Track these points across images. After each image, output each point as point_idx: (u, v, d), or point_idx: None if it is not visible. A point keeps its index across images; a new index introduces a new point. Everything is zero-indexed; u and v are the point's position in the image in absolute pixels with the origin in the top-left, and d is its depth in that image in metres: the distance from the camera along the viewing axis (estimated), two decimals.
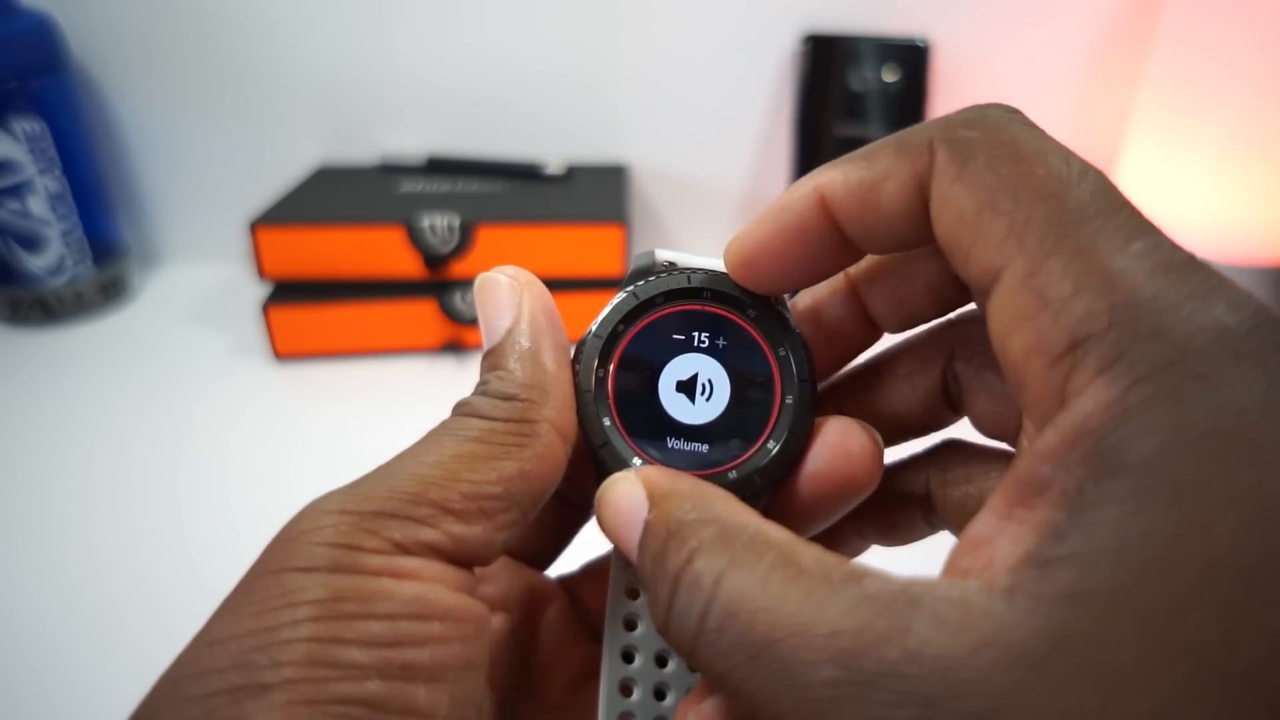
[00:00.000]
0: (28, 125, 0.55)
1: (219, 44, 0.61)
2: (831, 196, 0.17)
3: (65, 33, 0.58)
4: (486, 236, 0.53)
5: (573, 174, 0.62)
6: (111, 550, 0.40)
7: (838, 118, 0.60)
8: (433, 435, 0.18)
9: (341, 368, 0.54)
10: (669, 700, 0.19)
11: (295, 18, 0.60)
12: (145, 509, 0.43)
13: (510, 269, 0.19)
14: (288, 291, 0.54)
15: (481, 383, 0.18)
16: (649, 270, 0.20)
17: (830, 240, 0.17)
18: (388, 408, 0.48)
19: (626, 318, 0.19)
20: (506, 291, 0.19)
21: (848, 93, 0.60)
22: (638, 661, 0.20)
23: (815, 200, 0.17)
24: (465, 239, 0.53)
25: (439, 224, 0.53)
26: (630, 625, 0.20)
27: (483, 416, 0.17)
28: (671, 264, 0.20)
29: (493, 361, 0.18)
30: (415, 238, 0.53)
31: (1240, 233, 0.53)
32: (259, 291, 0.55)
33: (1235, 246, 0.54)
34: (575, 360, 0.19)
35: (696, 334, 0.20)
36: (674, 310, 0.20)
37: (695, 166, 0.66)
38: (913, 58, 0.59)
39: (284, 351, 0.54)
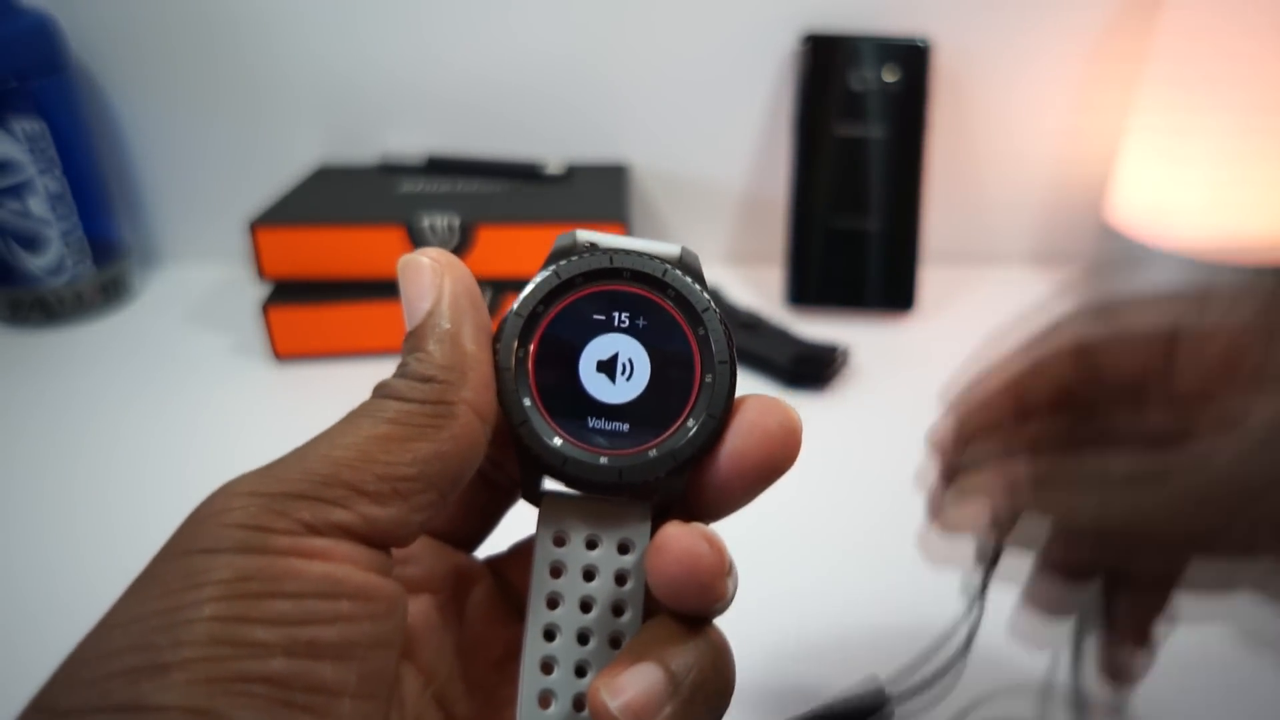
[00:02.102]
0: (28, 125, 0.55)
1: (219, 44, 0.61)
2: None
3: (65, 33, 0.58)
4: (486, 236, 0.53)
5: (573, 174, 0.62)
6: (110, 550, 0.40)
7: (838, 118, 0.60)
8: (350, 417, 0.18)
9: (341, 368, 0.54)
10: (589, 677, 0.20)
11: (295, 18, 0.60)
12: (145, 509, 0.42)
13: (433, 251, 0.19)
14: (288, 291, 0.54)
15: (401, 365, 0.18)
16: (571, 250, 0.20)
17: None
18: None
19: (547, 297, 0.20)
20: (428, 273, 0.19)
21: (848, 93, 0.60)
22: (559, 639, 0.20)
23: None
24: (465, 239, 0.53)
25: (439, 224, 0.53)
26: (553, 604, 0.20)
27: (400, 398, 0.18)
28: (593, 245, 0.20)
29: (413, 343, 0.18)
30: (415, 238, 0.53)
31: (1240, 233, 0.53)
32: (259, 291, 0.55)
33: (1235, 246, 0.54)
34: (496, 340, 0.19)
35: (617, 314, 0.20)
36: (595, 290, 0.20)
37: (695, 166, 0.66)
38: (913, 58, 0.59)
39: (284, 351, 0.54)
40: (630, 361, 0.20)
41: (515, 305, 0.20)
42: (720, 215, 0.67)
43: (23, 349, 0.57)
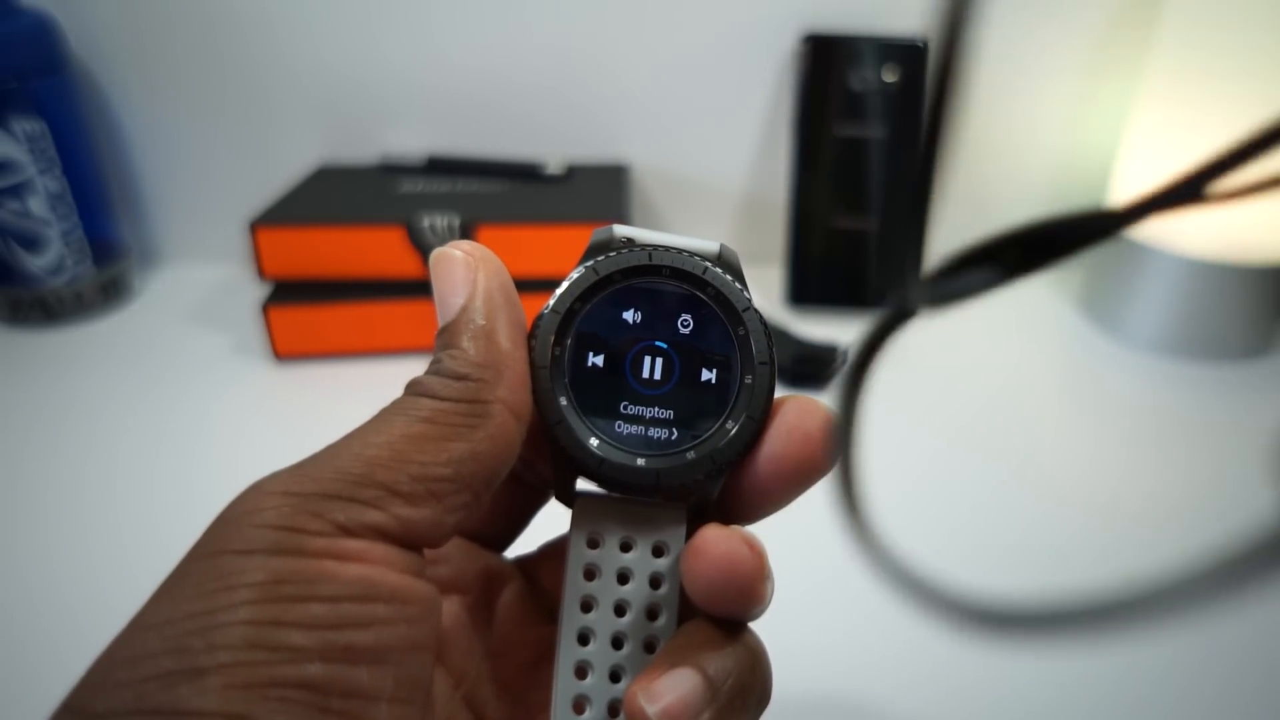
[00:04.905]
0: (28, 125, 0.55)
1: (219, 44, 0.61)
2: None
3: (65, 33, 0.58)
4: (487, 236, 0.53)
5: (573, 174, 0.62)
6: (110, 550, 0.40)
7: (838, 118, 0.60)
8: (383, 415, 0.17)
9: (341, 368, 0.54)
10: (624, 682, 0.19)
11: (295, 17, 0.60)
12: (145, 509, 0.42)
13: (466, 244, 0.19)
14: (288, 291, 0.54)
15: (434, 361, 0.18)
16: (607, 246, 0.20)
17: None
18: None
19: (584, 294, 0.19)
20: (461, 268, 0.18)
21: (848, 93, 0.60)
22: (593, 644, 0.19)
23: None
24: (465, 239, 0.53)
25: (439, 224, 0.53)
26: (587, 607, 0.19)
27: (434, 396, 0.17)
28: (630, 240, 0.20)
29: (446, 339, 0.18)
30: (415, 238, 0.52)
31: (1240, 232, 0.53)
32: (259, 291, 0.55)
33: (1235, 246, 0.54)
34: (531, 336, 0.19)
35: (656, 312, 0.19)
36: (633, 287, 0.19)
37: (695, 166, 0.66)
38: (913, 58, 0.59)
39: (284, 351, 0.54)
40: (668, 361, 0.19)
41: (551, 301, 0.19)
42: (720, 215, 0.67)
43: (23, 349, 0.57)
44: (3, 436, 0.48)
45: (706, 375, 0.19)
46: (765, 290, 0.63)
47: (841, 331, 0.57)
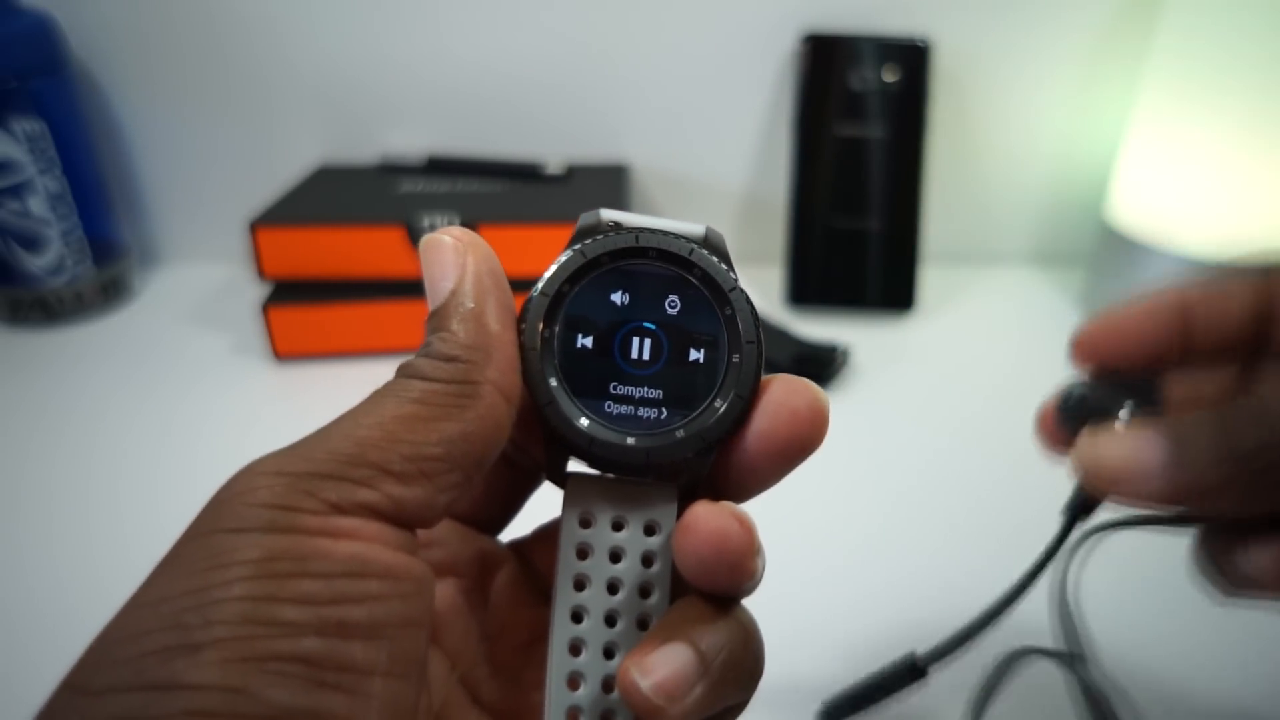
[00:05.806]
0: (28, 125, 0.55)
1: (219, 44, 0.61)
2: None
3: (65, 33, 0.58)
4: (487, 236, 0.53)
5: (573, 174, 0.62)
6: (111, 550, 0.40)
7: (838, 118, 0.60)
8: (374, 397, 0.18)
9: (341, 368, 0.54)
10: (617, 659, 0.19)
11: (296, 17, 0.60)
12: (145, 509, 0.43)
13: (455, 229, 0.19)
14: (288, 291, 0.54)
15: (425, 344, 0.18)
16: (595, 229, 0.20)
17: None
18: None
19: (572, 277, 0.19)
20: (450, 252, 0.19)
21: (848, 93, 0.60)
22: (586, 621, 0.20)
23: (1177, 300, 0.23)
24: None
25: (439, 224, 0.53)
26: (580, 585, 0.20)
27: (424, 378, 0.17)
28: (617, 224, 0.20)
29: (436, 323, 0.18)
30: (415, 238, 0.53)
31: (1240, 233, 0.53)
32: (259, 291, 0.55)
33: (1235, 247, 0.54)
34: (521, 319, 0.19)
35: (643, 294, 0.20)
36: (620, 269, 0.20)
37: (695, 166, 0.66)
38: (913, 58, 0.59)
39: (284, 351, 0.54)
40: (657, 341, 0.19)
41: (540, 284, 0.19)
42: (720, 215, 0.67)
43: (23, 349, 0.57)
44: (3, 436, 0.48)
45: (694, 355, 0.19)
46: (765, 290, 0.63)
47: (841, 331, 0.57)
